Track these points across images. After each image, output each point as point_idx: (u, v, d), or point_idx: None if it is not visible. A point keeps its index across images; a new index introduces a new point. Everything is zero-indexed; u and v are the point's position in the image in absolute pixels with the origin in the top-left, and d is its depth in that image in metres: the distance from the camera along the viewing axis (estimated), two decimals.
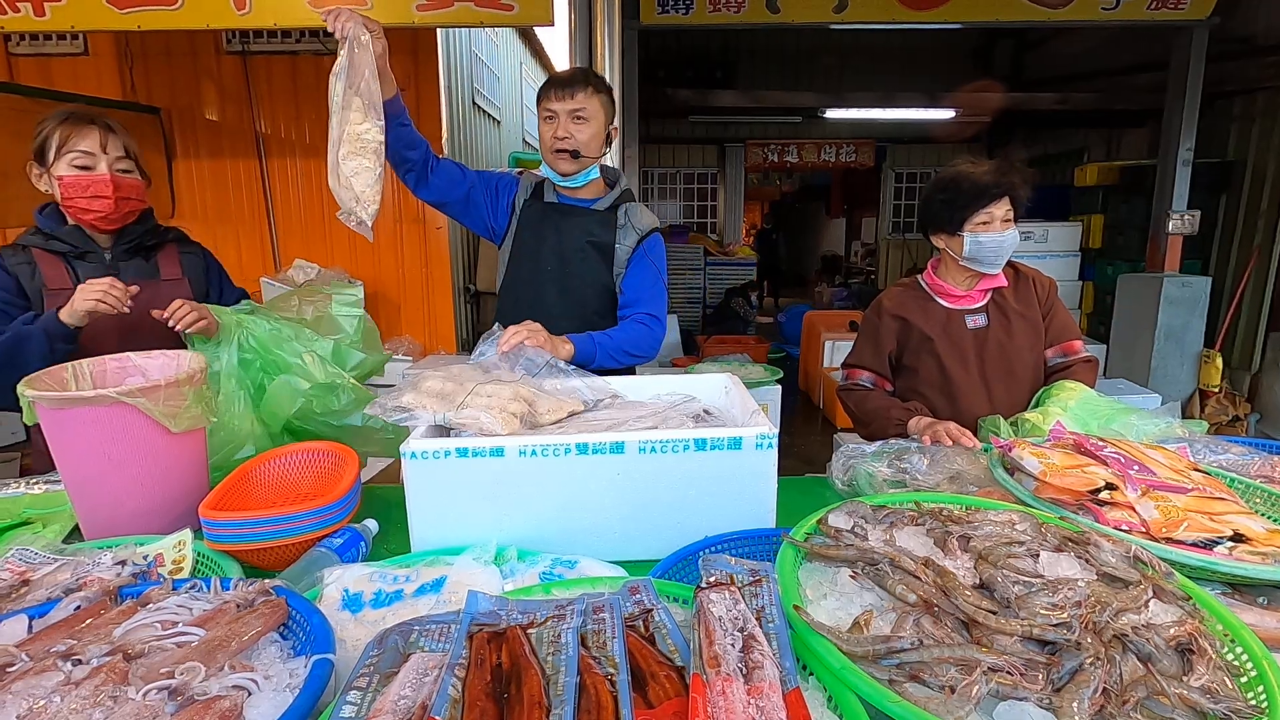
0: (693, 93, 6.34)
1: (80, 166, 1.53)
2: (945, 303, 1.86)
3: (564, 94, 1.75)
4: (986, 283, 1.83)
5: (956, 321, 1.84)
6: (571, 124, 1.76)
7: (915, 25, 4.16)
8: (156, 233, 1.71)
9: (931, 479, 1.37)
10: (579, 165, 1.81)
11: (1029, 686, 0.64)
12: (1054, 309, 1.89)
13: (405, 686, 0.67)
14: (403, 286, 5.81)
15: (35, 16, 3.53)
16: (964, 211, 1.74)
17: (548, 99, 1.78)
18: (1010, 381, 1.83)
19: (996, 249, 1.74)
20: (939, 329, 1.83)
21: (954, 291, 1.85)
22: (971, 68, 7.48)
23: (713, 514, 1.14)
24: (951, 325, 1.83)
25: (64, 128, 1.53)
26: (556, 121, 1.77)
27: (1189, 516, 1.01)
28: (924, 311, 1.86)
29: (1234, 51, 4.81)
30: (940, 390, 1.83)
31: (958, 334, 1.83)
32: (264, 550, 1.11)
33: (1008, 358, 1.83)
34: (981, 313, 1.84)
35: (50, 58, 5.34)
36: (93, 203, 1.55)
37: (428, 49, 5.35)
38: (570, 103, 1.75)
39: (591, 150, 1.81)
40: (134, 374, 1.39)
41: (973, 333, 1.83)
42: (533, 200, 1.94)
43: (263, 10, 3.51)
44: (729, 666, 0.65)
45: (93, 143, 1.54)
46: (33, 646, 0.76)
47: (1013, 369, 1.83)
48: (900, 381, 1.91)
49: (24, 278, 1.56)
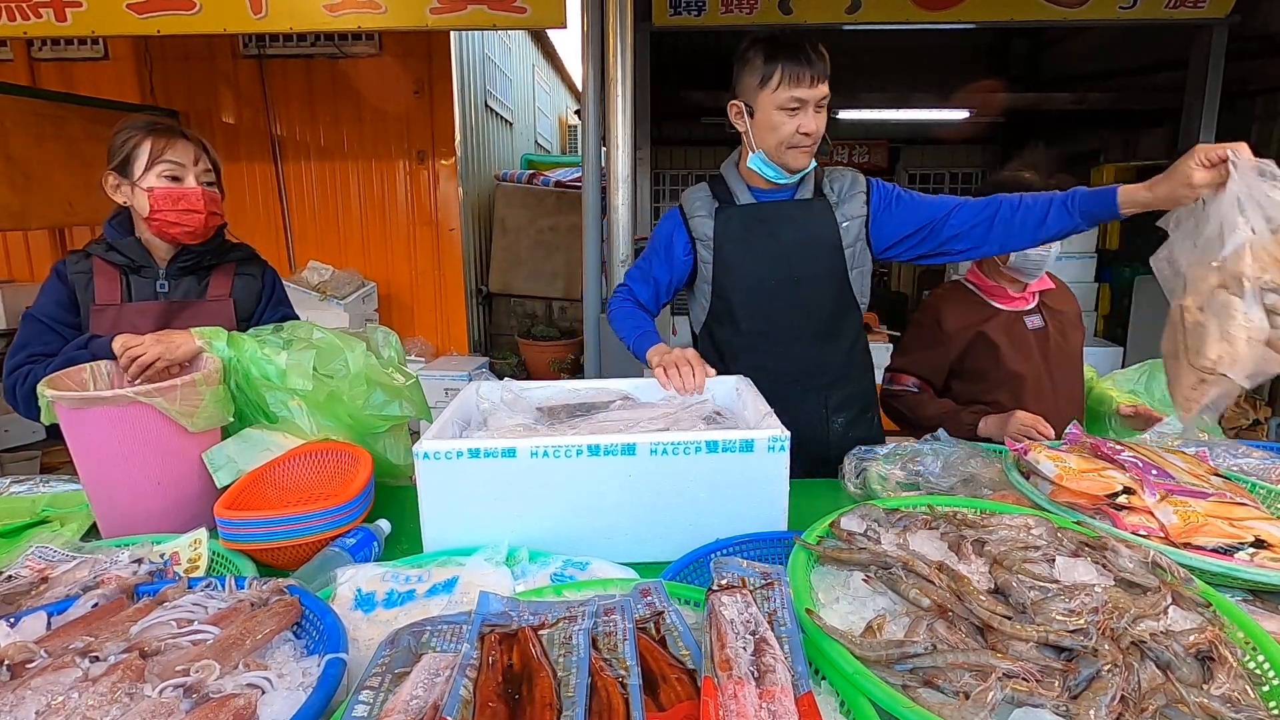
0: (705, 94, 6.32)
1: (172, 178, 1.49)
2: (1001, 305, 1.84)
3: (817, 80, 1.49)
4: (1036, 285, 1.85)
5: (1018, 324, 1.83)
6: (816, 114, 1.53)
7: (929, 25, 4.13)
8: (219, 252, 1.65)
9: (945, 482, 1.36)
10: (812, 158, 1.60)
11: (1045, 693, 0.63)
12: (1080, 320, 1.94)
13: (417, 686, 0.67)
14: (415, 288, 5.86)
15: (57, 22, 3.59)
16: None
17: (792, 83, 1.49)
18: (1071, 379, 1.86)
19: (1040, 260, 1.75)
20: (1003, 332, 1.81)
21: (1009, 294, 1.84)
22: (986, 68, 7.41)
23: (724, 516, 1.13)
24: (1014, 328, 1.82)
25: (155, 139, 1.48)
26: (804, 112, 1.51)
27: (1209, 522, 1.00)
28: (982, 315, 1.84)
29: (1255, 50, 4.74)
30: (1010, 392, 1.81)
31: (1021, 336, 1.82)
32: (278, 550, 1.12)
33: (1066, 356, 1.85)
34: (1036, 314, 1.85)
35: (72, 62, 5.43)
36: (184, 216, 1.50)
37: (441, 52, 5.39)
38: (820, 88, 1.50)
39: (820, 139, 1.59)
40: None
41: (1033, 334, 1.83)
42: (723, 209, 1.68)
43: (279, 14, 3.55)
44: (741, 670, 0.65)
45: (184, 154, 1.51)
46: (51, 643, 0.77)
47: (1071, 366, 1.86)
48: (962, 385, 1.88)
49: (79, 287, 1.53)
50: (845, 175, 1.69)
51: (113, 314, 1.53)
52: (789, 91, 1.49)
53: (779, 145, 1.55)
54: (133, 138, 1.50)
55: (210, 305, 1.62)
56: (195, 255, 1.60)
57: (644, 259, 1.80)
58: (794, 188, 1.67)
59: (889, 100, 6.97)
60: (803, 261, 1.65)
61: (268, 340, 1.43)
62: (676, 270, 1.75)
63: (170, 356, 1.36)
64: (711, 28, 4.27)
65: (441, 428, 1.22)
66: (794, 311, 1.67)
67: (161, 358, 1.35)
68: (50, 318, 1.51)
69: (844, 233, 1.66)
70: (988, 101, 6.61)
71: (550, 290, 6.25)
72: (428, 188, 5.66)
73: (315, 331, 1.47)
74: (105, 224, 1.59)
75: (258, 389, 1.40)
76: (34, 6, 3.56)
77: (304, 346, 1.42)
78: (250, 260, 1.72)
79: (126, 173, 1.50)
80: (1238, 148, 1.16)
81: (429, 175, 5.63)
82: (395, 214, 5.72)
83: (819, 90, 1.50)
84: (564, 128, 11.43)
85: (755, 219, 1.66)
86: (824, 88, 1.50)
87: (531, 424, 1.34)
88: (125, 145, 1.50)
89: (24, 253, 5.66)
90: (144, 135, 1.49)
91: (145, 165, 1.48)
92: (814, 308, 1.68)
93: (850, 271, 1.68)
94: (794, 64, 1.48)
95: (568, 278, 6.13)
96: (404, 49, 5.36)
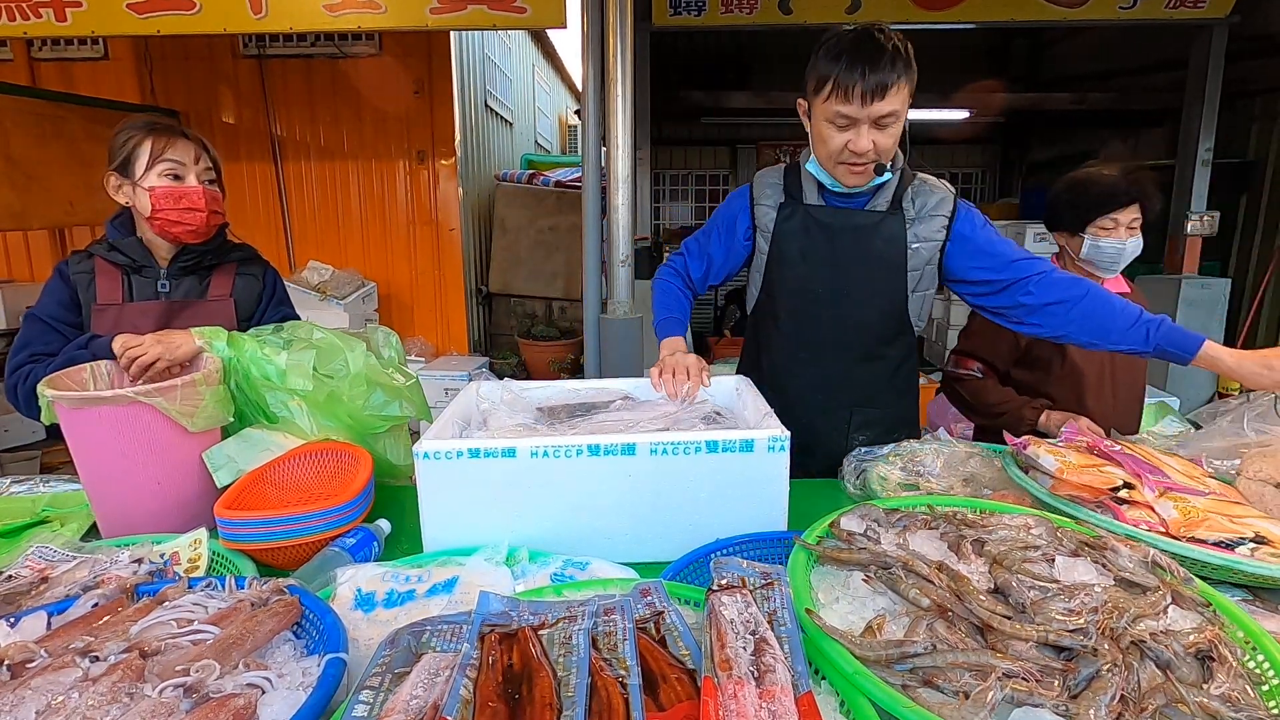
0: (705, 94, 6.32)
1: (173, 177, 1.50)
2: None
3: (873, 97, 1.31)
4: (1111, 285, 1.81)
5: None
6: (875, 132, 1.37)
7: (929, 25, 4.14)
8: (220, 252, 1.64)
9: (945, 482, 1.36)
10: (870, 178, 1.44)
11: (1044, 693, 0.63)
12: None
13: (417, 686, 0.67)
14: (415, 288, 5.86)
15: (57, 22, 3.60)
16: (1088, 214, 1.75)
17: (840, 97, 1.33)
18: (1133, 379, 1.86)
19: (1115, 255, 1.75)
20: None
21: None
22: (986, 68, 7.41)
23: (724, 516, 1.13)
24: None
25: (156, 138, 1.49)
26: (854, 129, 1.36)
27: (1209, 517, 1.00)
28: None
29: (1254, 50, 4.74)
30: (1070, 386, 1.82)
31: None
32: (278, 549, 1.12)
33: (1132, 359, 1.81)
34: None
35: (72, 62, 5.43)
36: (185, 215, 1.50)
37: (441, 52, 5.39)
38: (877, 106, 1.32)
39: (889, 157, 1.43)
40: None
41: None
42: (789, 203, 1.57)
43: (279, 14, 3.56)
44: (741, 669, 0.65)
45: (185, 153, 1.51)
46: (52, 643, 0.77)
47: (1134, 367, 1.86)
48: (1024, 373, 1.86)
49: (81, 287, 1.53)
50: (934, 192, 1.53)
51: (114, 313, 1.53)
52: (835, 106, 1.35)
53: (829, 158, 1.44)
54: (133, 138, 1.50)
55: (211, 305, 1.62)
56: (196, 255, 1.60)
57: (704, 232, 1.72)
58: (868, 195, 1.53)
59: None
60: (858, 277, 1.54)
61: (268, 340, 1.43)
62: (734, 253, 1.67)
63: (170, 357, 1.36)
64: (711, 28, 4.28)
65: (441, 428, 1.23)
66: (839, 325, 1.58)
67: (162, 358, 1.35)
68: (52, 317, 1.51)
69: (912, 254, 1.52)
70: (988, 101, 6.61)
71: (550, 290, 6.25)
72: (428, 188, 5.66)
73: (315, 331, 1.47)
74: (107, 224, 1.59)
75: (258, 389, 1.40)
76: (34, 6, 3.56)
77: (304, 346, 1.42)
78: (251, 260, 1.73)
79: (128, 173, 1.50)
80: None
81: (429, 175, 5.63)
82: (395, 214, 5.72)
83: (876, 108, 1.32)
84: (564, 128, 11.43)
85: (817, 222, 1.55)
86: (885, 105, 1.32)
87: (531, 424, 1.34)
88: (126, 145, 1.50)
89: (24, 253, 5.65)
90: (144, 135, 1.49)
91: (146, 165, 1.49)
92: (861, 327, 1.58)
93: (911, 294, 1.56)
94: (849, 74, 1.31)
95: (568, 278, 6.13)
96: (404, 49, 5.36)
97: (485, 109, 6.56)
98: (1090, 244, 1.75)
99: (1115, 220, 1.73)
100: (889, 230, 1.52)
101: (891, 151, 1.42)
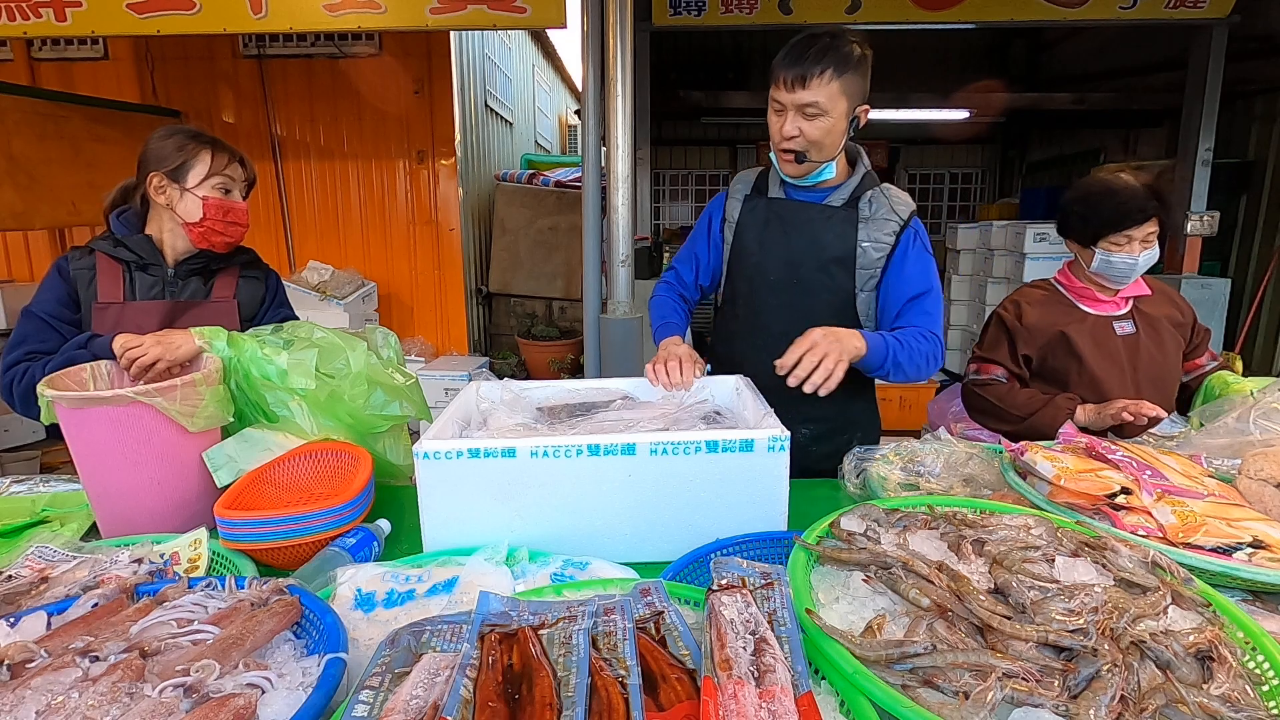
0: (704, 94, 6.33)
1: (224, 190, 1.57)
2: (1089, 308, 1.78)
3: (797, 84, 1.43)
4: (1129, 290, 1.78)
5: (1105, 328, 1.77)
6: (801, 120, 1.46)
7: (929, 25, 4.14)
8: (225, 254, 1.67)
9: (945, 482, 1.36)
10: (807, 170, 1.55)
11: (1044, 693, 0.63)
12: (1198, 326, 1.85)
13: (417, 686, 0.67)
14: (415, 288, 5.86)
15: (57, 22, 3.59)
16: (1100, 230, 1.68)
17: (776, 84, 1.47)
18: (1160, 388, 1.76)
19: (1127, 271, 1.69)
20: (1088, 336, 1.76)
21: (1098, 297, 1.78)
22: (986, 68, 7.42)
23: (724, 516, 1.13)
24: (1100, 332, 1.76)
25: (216, 153, 1.55)
26: (785, 115, 1.48)
27: (1207, 522, 1.00)
28: (1069, 317, 1.78)
29: (1254, 50, 4.74)
30: (1092, 396, 1.73)
31: (1108, 342, 1.76)
32: (278, 549, 1.12)
33: (1158, 365, 1.77)
34: (1128, 319, 1.78)
35: (72, 62, 5.43)
36: (229, 228, 1.58)
37: (441, 51, 5.39)
38: (800, 94, 1.43)
39: (827, 151, 1.52)
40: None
41: (1122, 339, 1.76)
42: (754, 196, 1.67)
43: (279, 14, 3.55)
44: (741, 669, 0.65)
45: (236, 171, 1.59)
46: (51, 643, 0.77)
47: (1163, 376, 1.78)
48: (1041, 385, 1.81)
49: (81, 284, 1.54)
50: (894, 200, 1.60)
51: (115, 312, 1.53)
52: (771, 93, 1.48)
53: (774, 146, 1.54)
54: (187, 146, 1.54)
55: (214, 306, 1.63)
56: (205, 258, 1.62)
57: (690, 237, 1.82)
58: (828, 191, 1.61)
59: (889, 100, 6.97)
60: (808, 267, 1.62)
61: (267, 340, 1.43)
62: (715, 247, 1.76)
63: (170, 357, 1.36)
64: (711, 28, 4.28)
65: (441, 428, 1.23)
66: (789, 313, 1.63)
67: (162, 358, 1.35)
68: (49, 314, 1.51)
69: (861, 253, 1.59)
70: (988, 101, 6.61)
71: (550, 290, 6.25)
72: (428, 188, 5.66)
73: (316, 331, 1.47)
74: (111, 219, 1.59)
75: (258, 389, 1.40)
76: (34, 6, 3.56)
77: (305, 346, 1.42)
78: (254, 264, 1.75)
79: (179, 178, 1.53)
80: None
81: (429, 175, 5.63)
82: (395, 214, 5.72)
83: (799, 95, 1.43)
84: (564, 128, 11.43)
85: (775, 214, 1.65)
86: (807, 94, 1.42)
87: (531, 424, 1.34)
88: (183, 152, 1.53)
89: (24, 253, 5.65)
90: (204, 148, 1.55)
91: (204, 175, 1.54)
92: (810, 316, 1.60)
93: (858, 293, 1.62)
94: (781, 64, 1.45)
95: (567, 278, 6.13)
96: (404, 49, 5.36)
97: (485, 109, 6.56)
98: (1101, 259, 1.69)
99: (1129, 237, 1.65)
100: (840, 225, 1.59)
101: (821, 145, 1.49)
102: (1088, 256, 1.73)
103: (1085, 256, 1.75)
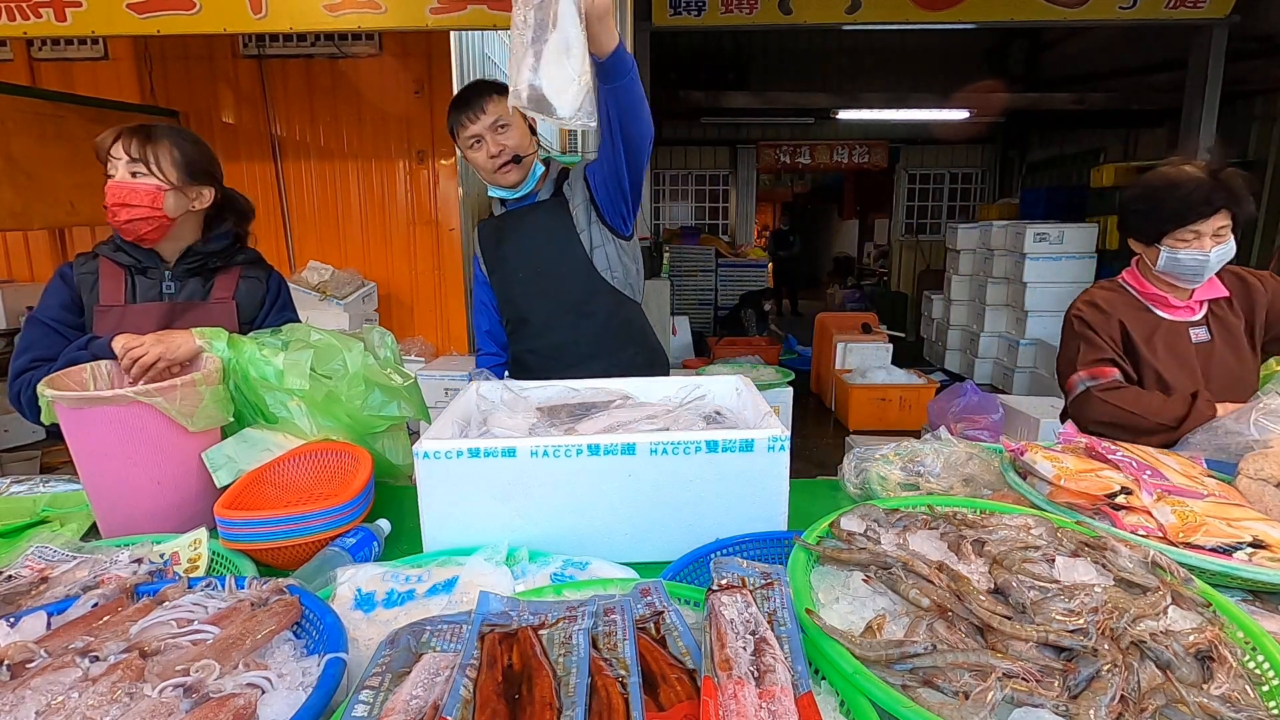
0: (704, 94, 6.34)
1: (133, 174, 1.49)
2: (1162, 312, 1.67)
3: (476, 115, 1.73)
4: (1204, 292, 1.65)
5: (1179, 335, 1.65)
6: (498, 136, 1.75)
7: (929, 25, 4.14)
8: (226, 254, 1.64)
9: (945, 482, 1.36)
10: (525, 169, 1.81)
11: (1044, 693, 0.63)
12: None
13: (417, 686, 0.67)
14: (415, 288, 5.86)
15: (56, 22, 3.59)
16: (1164, 225, 1.57)
17: (462, 127, 1.75)
18: (1235, 396, 1.61)
19: (1197, 268, 1.56)
20: (1161, 343, 1.64)
21: (1172, 301, 1.66)
22: (986, 68, 7.42)
23: (724, 516, 1.13)
24: (1174, 339, 1.65)
25: (123, 134, 1.50)
26: (485, 142, 1.75)
27: (1207, 522, 1.00)
28: (1141, 321, 1.67)
29: (1254, 50, 4.74)
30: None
31: (1182, 349, 1.64)
32: (278, 549, 1.12)
33: (1233, 374, 1.65)
34: (1203, 325, 1.66)
35: (71, 62, 5.42)
36: (119, 209, 1.48)
37: (441, 52, 5.38)
38: (481, 120, 1.73)
39: (527, 148, 1.79)
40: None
41: (1197, 347, 1.65)
42: (483, 224, 1.98)
43: (278, 14, 3.55)
44: (741, 670, 0.65)
45: (122, 150, 1.50)
46: (51, 643, 0.77)
47: (1239, 384, 1.65)
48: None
49: (85, 289, 1.53)
50: (576, 167, 1.89)
51: (116, 314, 1.53)
52: (459, 136, 1.77)
53: (488, 176, 1.82)
54: (110, 137, 1.51)
55: (213, 307, 1.62)
56: (202, 257, 1.61)
57: (475, 296, 2.06)
58: (534, 193, 1.88)
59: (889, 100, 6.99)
60: (546, 255, 1.86)
61: (266, 342, 1.43)
62: (487, 286, 2.01)
63: (170, 357, 1.36)
64: (711, 28, 4.28)
65: (441, 428, 1.23)
66: (543, 299, 1.88)
67: (162, 358, 1.35)
68: (54, 320, 1.52)
69: (577, 220, 1.84)
70: (988, 101, 6.62)
71: None
72: (428, 188, 5.66)
73: (313, 333, 1.47)
74: None
75: (256, 390, 1.40)
76: (34, 6, 3.56)
77: (301, 346, 1.42)
78: (256, 264, 1.72)
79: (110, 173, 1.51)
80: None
81: (429, 175, 5.63)
82: (395, 214, 5.71)
83: (482, 121, 1.72)
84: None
85: (502, 227, 1.91)
86: (489, 116, 1.71)
87: (531, 424, 1.34)
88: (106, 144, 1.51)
89: (24, 253, 5.65)
90: (118, 134, 1.51)
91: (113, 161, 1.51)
92: (560, 293, 1.87)
93: (592, 252, 1.85)
94: (456, 114, 1.76)
95: None
96: (404, 49, 5.36)
97: None
98: (1168, 256, 1.57)
99: (1197, 231, 1.53)
100: (555, 210, 1.86)
101: (521, 146, 1.77)
102: (1153, 255, 1.62)
103: (1150, 255, 1.63)
